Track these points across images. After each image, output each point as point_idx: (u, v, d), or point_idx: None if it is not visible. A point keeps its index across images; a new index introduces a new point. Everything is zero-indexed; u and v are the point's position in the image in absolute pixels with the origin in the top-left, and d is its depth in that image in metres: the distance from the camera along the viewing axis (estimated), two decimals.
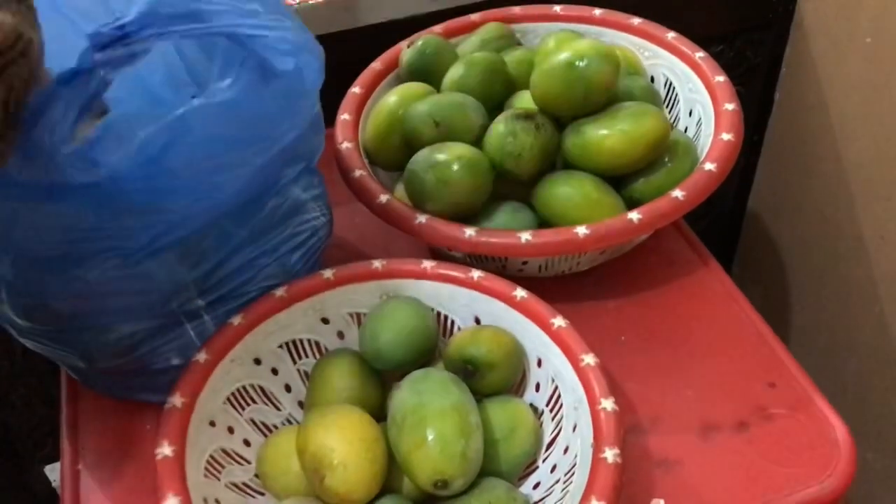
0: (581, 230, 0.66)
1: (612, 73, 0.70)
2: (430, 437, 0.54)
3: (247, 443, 0.61)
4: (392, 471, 0.57)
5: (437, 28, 0.86)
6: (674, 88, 0.80)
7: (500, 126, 0.71)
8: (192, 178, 0.52)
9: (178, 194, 0.52)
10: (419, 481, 0.55)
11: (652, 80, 0.82)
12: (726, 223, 1.26)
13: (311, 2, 1.00)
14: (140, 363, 0.62)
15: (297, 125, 0.57)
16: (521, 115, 0.70)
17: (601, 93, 0.70)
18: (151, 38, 0.51)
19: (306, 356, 0.66)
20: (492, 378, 0.61)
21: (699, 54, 0.78)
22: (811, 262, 1.12)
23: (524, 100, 0.76)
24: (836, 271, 1.07)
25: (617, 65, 0.71)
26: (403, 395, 0.57)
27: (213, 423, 0.59)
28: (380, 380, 0.63)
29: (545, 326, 0.60)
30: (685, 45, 0.79)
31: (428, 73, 0.80)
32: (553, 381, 0.60)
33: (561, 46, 0.74)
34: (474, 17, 0.87)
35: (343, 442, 0.55)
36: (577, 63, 0.69)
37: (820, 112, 1.03)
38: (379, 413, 0.61)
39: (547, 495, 0.57)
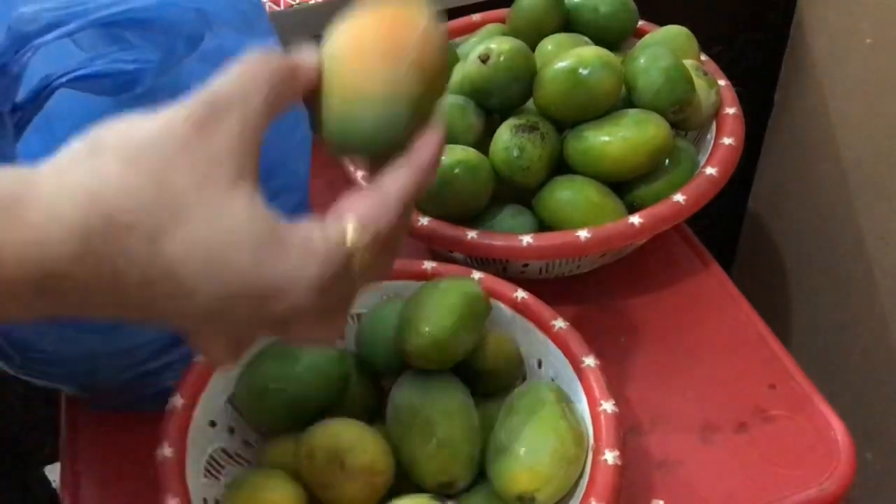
0: (582, 233, 0.66)
1: (615, 82, 0.70)
2: (439, 438, 0.54)
3: (247, 443, 0.61)
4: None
5: None
6: None
7: (504, 137, 0.71)
8: None
9: None
10: (424, 481, 0.55)
11: None
12: (726, 224, 1.26)
13: (311, 2, 1.00)
14: (146, 381, 0.62)
15: None
16: (525, 125, 0.70)
17: (603, 100, 0.70)
18: None
19: None
20: (492, 384, 0.61)
21: None
22: (811, 262, 1.12)
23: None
24: (836, 271, 1.07)
25: (619, 73, 0.71)
26: (407, 395, 0.57)
27: (213, 424, 0.59)
28: (377, 381, 0.63)
29: (546, 328, 0.60)
30: None
31: None
32: (553, 382, 0.60)
33: (561, 52, 0.74)
34: (475, 17, 0.87)
35: (352, 428, 0.55)
36: (580, 70, 0.69)
37: (820, 112, 1.03)
38: (373, 414, 0.61)
39: None
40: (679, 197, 0.68)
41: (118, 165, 0.31)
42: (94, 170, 0.31)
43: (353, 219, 0.36)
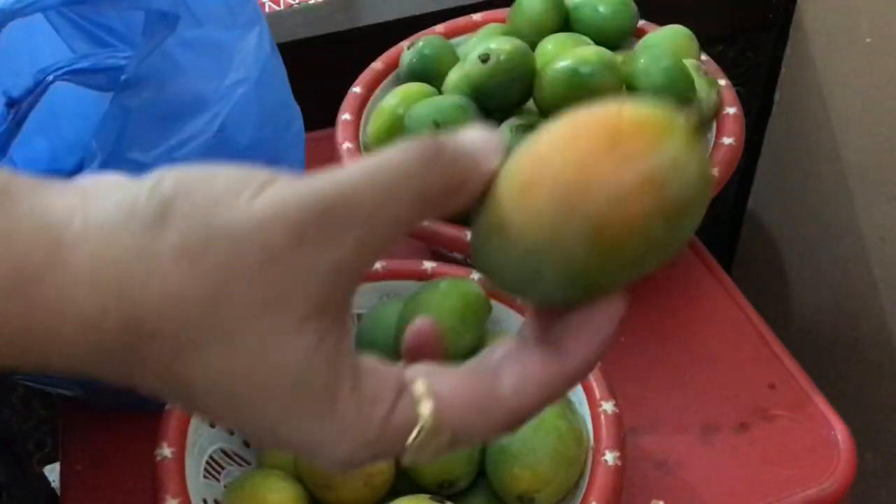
0: None
1: (616, 82, 0.70)
2: None
3: (247, 444, 0.61)
4: None
5: (439, 28, 0.86)
6: None
7: (505, 138, 0.70)
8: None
9: None
10: (424, 481, 0.55)
11: None
12: (726, 224, 1.26)
13: (311, 2, 1.00)
14: None
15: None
16: (525, 125, 0.70)
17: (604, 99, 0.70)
18: None
19: None
20: None
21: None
22: (811, 262, 1.12)
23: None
24: (836, 272, 1.07)
25: (620, 73, 0.71)
26: None
27: (213, 424, 0.59)
28: None
29: None
30: None
31: (428, 73, 0.80)
32: None
33: (562, 52, 0.74)
34: (476, 17, 0.87)
35: None
36: (580, 70, 0.69)
37: (820, 112, 1.03)
38: None
39: None
40: None
41: (174, 256, 0.24)
42: (142, 251, 0.24)
43: (432, 414, 0.27)
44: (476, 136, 0.28)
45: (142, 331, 0.24)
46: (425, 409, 0.27)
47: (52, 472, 1.10)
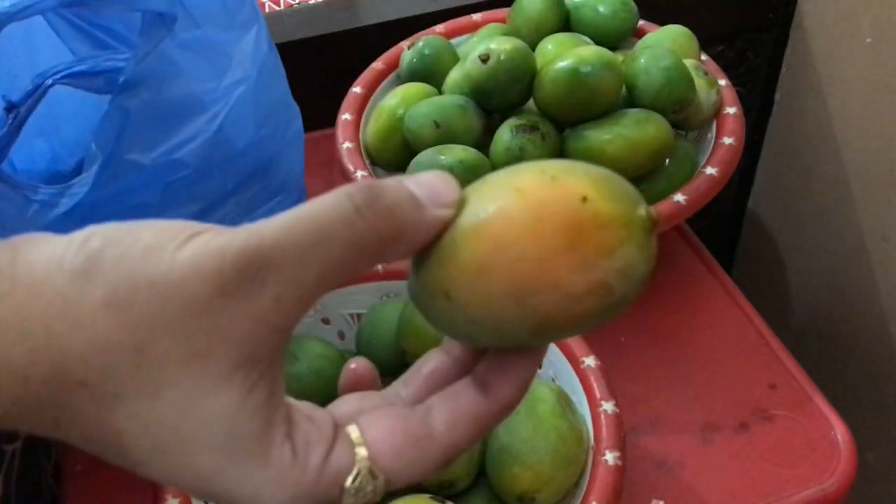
0: None
1: (616, 81, 0.70)
2: None
3: None
4: None
5: (439, 28, 0.86)
6: None
7: (505, 138, 0.70)
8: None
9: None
10: (424, 481, 0.55)
11: None
12: (726, 224, 1.26)
13: (311, 2, 1.00)
14: None
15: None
16: (525, 125, 0.70)
17: (604, 100, 0.70)
18: None
19: None
20: None
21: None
22: (811, 262, 1.12)
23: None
24: (837, 272, 1.07)
25: (620, 72, 0.71)
26: None
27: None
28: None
29: None
30: None
31: (428, 73, 0.80)
32: (554, 382, 0.60)
33: (562, 51, 0.74)
34: (476, 17, 0.87)
35: None
36: (580, 70, 0.69)
37: (820, 112, 1.03)
38: None
39: None
40: (679, 197, 0.68)
41: (100, 307, 0.24)
42: (69, 302, 0.24)
43: (366, 458, 0.27)
44: (429, 182, 0.28)
45: (69, 380, 0.24)
46: (361, 452, 0.27)
47: None
